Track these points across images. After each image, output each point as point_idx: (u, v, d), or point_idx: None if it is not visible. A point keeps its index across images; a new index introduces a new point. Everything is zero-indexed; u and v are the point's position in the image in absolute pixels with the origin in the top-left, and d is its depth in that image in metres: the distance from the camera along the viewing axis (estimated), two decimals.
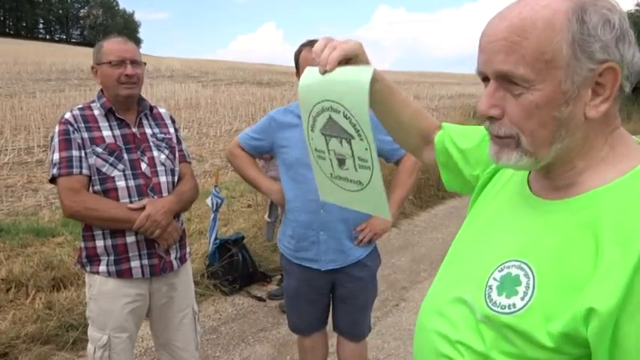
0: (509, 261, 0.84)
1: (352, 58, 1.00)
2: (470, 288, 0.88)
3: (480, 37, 0.84)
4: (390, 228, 2.85)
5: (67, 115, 2.08)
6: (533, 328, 0.76)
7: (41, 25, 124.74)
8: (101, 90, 2.16)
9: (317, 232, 2.23)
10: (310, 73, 1.06)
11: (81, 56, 34.45)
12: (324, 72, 1.00)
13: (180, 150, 2.32)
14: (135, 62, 2.11)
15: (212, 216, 4.39)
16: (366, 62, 1.03)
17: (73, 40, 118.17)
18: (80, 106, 2.15)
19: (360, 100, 0.97)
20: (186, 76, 27.09)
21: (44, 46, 57.55)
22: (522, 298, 0.79)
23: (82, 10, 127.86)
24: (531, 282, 0.79)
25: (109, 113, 2.12)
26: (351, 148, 1.03)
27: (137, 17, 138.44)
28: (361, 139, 1.00)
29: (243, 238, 4.62)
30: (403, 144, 1.34)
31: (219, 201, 4.36)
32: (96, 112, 2.12)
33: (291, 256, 2.34)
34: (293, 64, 2.27)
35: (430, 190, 7.30)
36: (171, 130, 2.30)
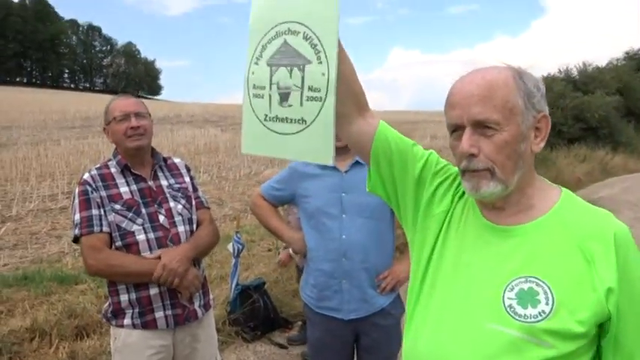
0: (515, 279, 1.00)
1: None
2: (488, 316, 1.00)
3: (448, 98, 1.07)
4: None
5: (86, 176, 2.16)
6: (566, 323, 0.95)
7: (66, 75, 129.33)
8: (116, 148, 2.23)
9: (339, 281, 2.24)
10: None
11: (104, 104, 35.37)
12: None
13: (197, 197, 2.36)
14: (139, 115, 2.17)
15: (233, 262, 4.40)
16: None
17: (97, 88, 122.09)
18: (98, 165, 2.23)
19: (327, 16, 0.91)
20: (205, 120, 27.65)
21: (69, 95, 59.56)
22: (547, 304, 0.96)
23: (105, 60, 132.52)
24: (546, 288, 0.97)
25: (124, 170, 2.18)
26: (303, 77, 0.95)
27: (158, 65, 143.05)
28: (320, 62, 0.93)
29: (264, 283, 4.62)
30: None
31: (241, 247, 4.39)
32: (113, 170, 2.19)
33: (314, 306, 2.33)
34: None
35: None
36: (187, 179, 2.35)
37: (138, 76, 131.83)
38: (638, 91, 24.36)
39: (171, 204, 2.21)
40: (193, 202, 2.31)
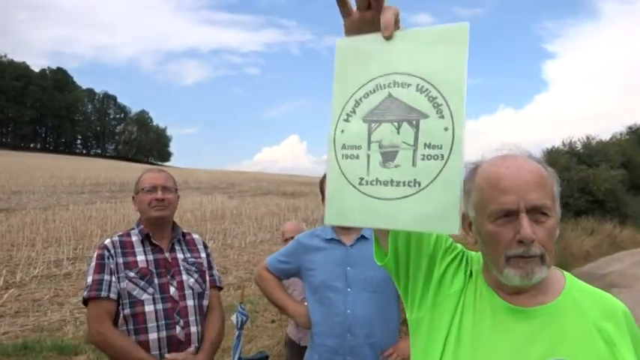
0: None
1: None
2: None
3: (495, 185, 1.05)
4: None
5: (107, 241, 2.24)
6: None
7: (79, 141, 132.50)
8: (140, 218, 2.33)
9: (344, 358, 2.21)
10: (354, 46, 0.86)
11: (114, 170, 36.15)
12: (389, 36, 0.85)
13: (212, 275, 2.41)
14: (166, 188, 2.30)
15: (236, 334, 4.30)
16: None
17: (108, 154, 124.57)
18: (120, 233, 2.31)
19: (452, 64, 0.81)
20: (213, 187, 27.95)
21: (80, 160, 60.73)
22: None
23: (118, 127, 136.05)
24: None
25: (145, 239, 2.26)
26: (416, 133, 0.82)
27: (169, 132, 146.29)
28: (441, 117, 0.81)
29: (267, 357, 4.49)
30: None
31: (245, 318, 4.30)
32: (134, 239, 2.27)
33: None
34: (315, 174, 2.41)
35: None
36: (203, 255, 2.41)
37: (149, 143, 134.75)
38: None
39: (184, 277, 2.26)
40: (207, 278, 2.37)
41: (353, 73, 0.85)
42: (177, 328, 2.17)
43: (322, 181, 2.38)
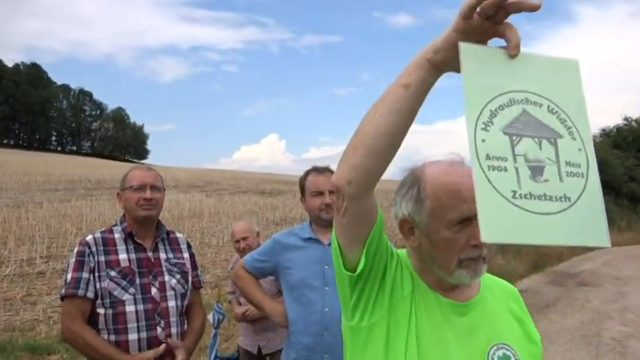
0: (491, 348, 1.14)
1: None
2: None
3: (455, 194, 1.10)
4: None
5: (88, 238, 2.20)
6: None
7: (54, 138, 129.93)
8: (123, 215, 2.29)
9: (321, 355, 2.22)
10: (481, 54, 0.85)
11: (89, 167, 35.54)
12: (515, 55, 0.86)
13: (196, 276, 2.41)
14: (155, 187, 2.27)
15: (212, 332, 4.29)
16: None
17: (83, 152, 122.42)
18: (103, 229, 2.27)
19: (574, 94, 0.85)
20: (191, 185, 27.69)
21: (55, 157, 59.59)
22: None
23: (94, 124, 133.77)
24: (513, 351, 1.15)
25: (128, 237, 2.23)
26: (556, 150, 0.83)
27: (146, 129, 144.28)
28: (573, 138, 0.83)
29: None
30: (377, 164, 1.00)
31: (221, 317, 4.30)
32: (116, 236, 2.23)
33: None
34: (294, 173, 2.41)
35: None
36: (186, 255, 2.40)
37: (125, 141, 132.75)
38: (614, 166, 25.20)
39: (166, 277, 2.24)
40: (190, 279, 2.35)
41: (484, 83, 0.83)
42: (158, 329, 2.15)
43: (303, 179, 2.38)
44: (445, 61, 0.88)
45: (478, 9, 0.84)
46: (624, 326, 7.18)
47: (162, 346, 2.12)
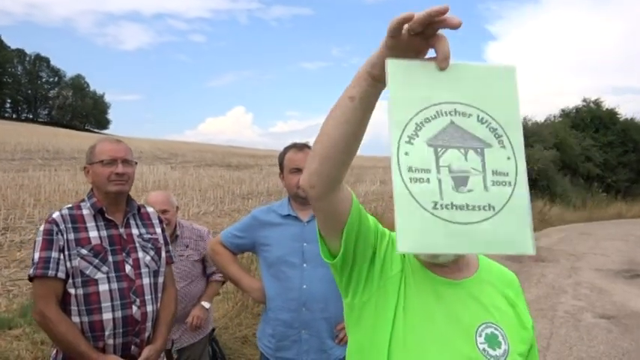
0: (480, 326, 1.18)
1: None
2: (469, 358, 1.15)
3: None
4: None
5: (55, 215, 2.09)
6: (515, 357, 1.19)
7: (8, 105, 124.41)
8: (91, 190, 2.19)
9: (299, 331, 2.23)
10: (408, 69, 0.86)
11: (47, 136, 34.29)
12: (445, 67, 0.86)
13: (168, 251, 2.34)
14: (126, 161, 2.17)
15: None
16: None
17: (40, 120, 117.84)
18: (70, 205, 2.16)
19: (508, 101, 0.86)
20: (154, 157, 27.14)
21: (10, 125, 57.11)
22: (505, 344, 1.19)
23: (51, 91, 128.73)
24: (501, 331, 1.20)
25: (98, 213, 2.13)
26: (482, 160, 0.85)
27: (107, 99, 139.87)
28: (502, 147, 0.85)
29: (213, 329, 4.48)
30: (334, 169, 1.04)
31: None
32: (85, 212, 2.13)
33: (271, 356, 2.30)
34: (261, 147, 2.39)
35: None
36: (158, 230, 2.33)
37: (85, 110, 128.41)
38: (572, 146, 26.02)
39: (140, 254, 2.17)
40: (163, 255, 2.29)
41: (410, 97, 0.85)
42: (134, 308, 2.10)
43: (282, 156, 2.35)
44: (383, 75, 0.89)
45: (406, 26, 0.84)
46: (578, 300, 7.52)
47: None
